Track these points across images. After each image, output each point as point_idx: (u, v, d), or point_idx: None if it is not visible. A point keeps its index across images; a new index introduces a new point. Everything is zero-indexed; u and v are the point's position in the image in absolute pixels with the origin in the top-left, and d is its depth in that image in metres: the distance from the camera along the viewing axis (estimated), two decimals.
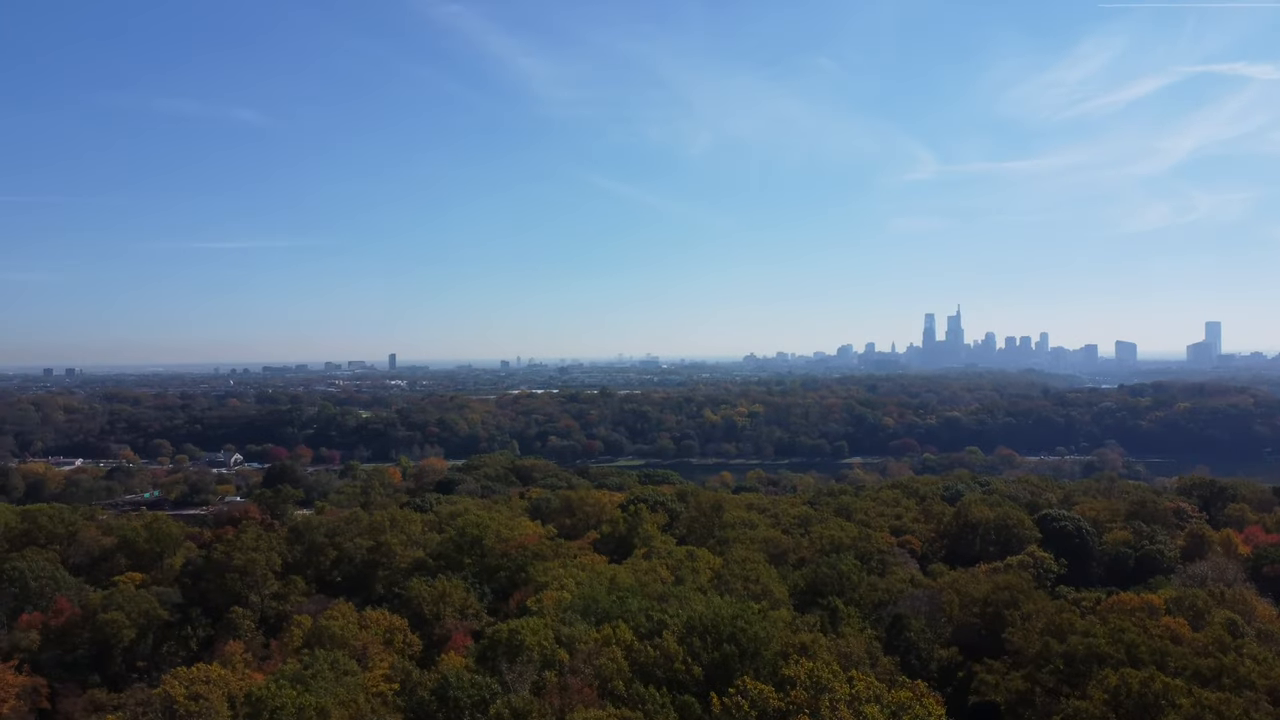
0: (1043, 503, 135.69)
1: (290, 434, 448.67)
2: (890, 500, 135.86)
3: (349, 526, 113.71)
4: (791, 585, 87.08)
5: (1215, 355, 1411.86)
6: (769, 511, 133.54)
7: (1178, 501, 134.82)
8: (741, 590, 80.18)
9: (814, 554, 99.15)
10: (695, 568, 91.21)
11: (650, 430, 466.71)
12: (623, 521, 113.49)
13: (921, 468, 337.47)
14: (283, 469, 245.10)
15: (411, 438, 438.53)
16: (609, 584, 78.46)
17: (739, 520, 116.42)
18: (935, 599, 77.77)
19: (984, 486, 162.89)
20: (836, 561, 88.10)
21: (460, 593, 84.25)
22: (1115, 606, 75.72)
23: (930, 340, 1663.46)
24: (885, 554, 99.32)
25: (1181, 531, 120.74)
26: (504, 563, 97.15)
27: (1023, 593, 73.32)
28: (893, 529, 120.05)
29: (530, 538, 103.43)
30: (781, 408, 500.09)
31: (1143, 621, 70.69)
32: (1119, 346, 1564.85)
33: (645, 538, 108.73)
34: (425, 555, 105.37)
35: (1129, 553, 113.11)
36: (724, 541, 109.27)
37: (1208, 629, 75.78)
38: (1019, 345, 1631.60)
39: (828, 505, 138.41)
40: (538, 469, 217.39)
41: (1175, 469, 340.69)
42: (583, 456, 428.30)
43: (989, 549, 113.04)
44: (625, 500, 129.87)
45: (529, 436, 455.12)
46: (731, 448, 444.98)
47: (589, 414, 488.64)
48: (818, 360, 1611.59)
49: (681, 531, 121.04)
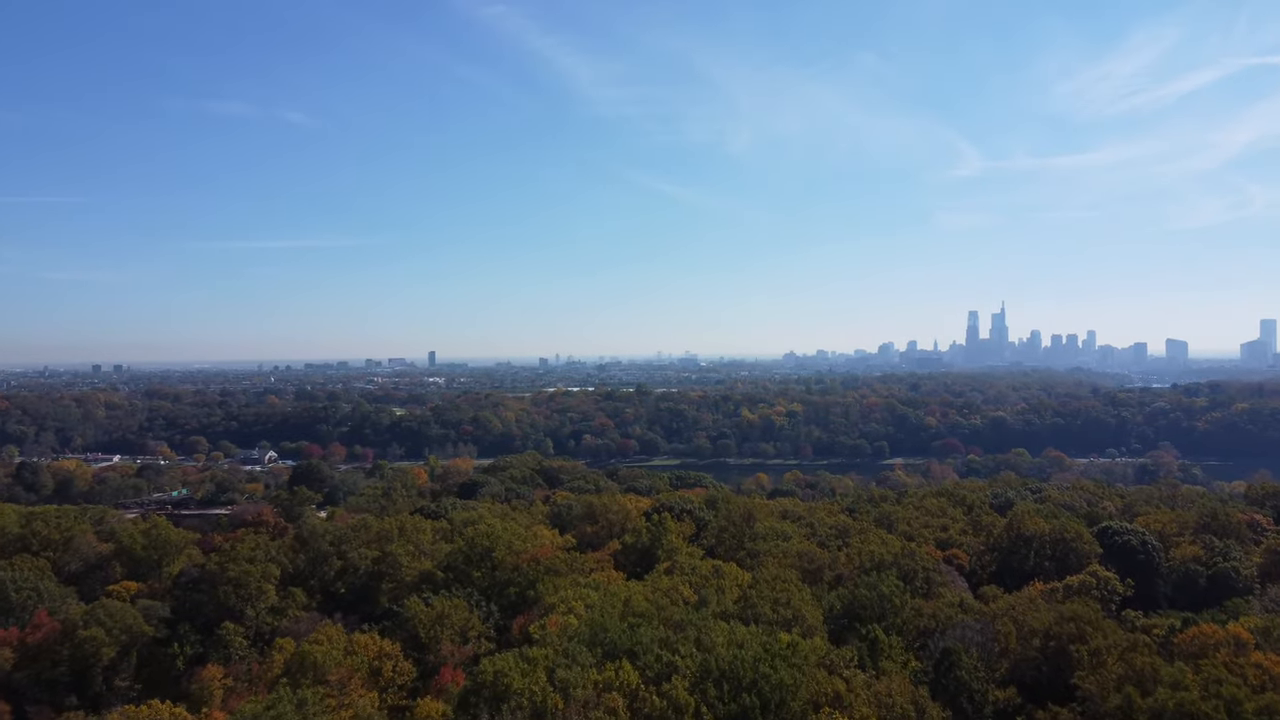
0: (1101, 513, 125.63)
1: (325, 431, 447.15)
2: (935, 509, 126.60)
3: (356, 534, 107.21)
4: (827, 608, 78.70)
5: (1271, 354, 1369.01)
6: (804, 520, 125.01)
7: (1251, 513, 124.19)
8: (770, 615, 72.05)
9: (852, 571, 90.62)
10: (721, 586, 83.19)
11: (686, 429, 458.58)
12: (646, 532, 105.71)
13: (966, 470, 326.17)
14: (309, 468, 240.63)
15: (445, 436, 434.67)
16: (623, 607, 70.78)
17: (771, 531, 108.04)
18: (989, 629, 69.00)
19: (1036, 494, 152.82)
20: (877, 582, 79.55)
21: (461, 613, 77.04)
22: (1197, 640, 66.59)
23: (974, 338, 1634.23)
24: (930, 572, 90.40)
25: (1257, 547, 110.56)
26: (514, 577, 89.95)
27: (1091, 624, 64.33)
28: (938, 541, 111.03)
29: (545, 550, 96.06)
30: (821, 407, 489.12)
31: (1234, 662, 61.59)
32: (1169, 345, 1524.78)
33: (669, 550, 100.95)
34: (433, 567, 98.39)
35: (1200, 570, 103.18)
36: (754, 554, 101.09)
37: None
38: (1065, 344, 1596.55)
39: (867, 514, 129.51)
40: (565, 471, 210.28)
41: (1234, 473, 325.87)
42: (617, 456, 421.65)
43: (1044, 565, 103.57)
44: (650, 507, 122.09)
45: (563, 435, 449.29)
46: (769, 448, 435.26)
47: (625, 413, 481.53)
48: (858, 358, 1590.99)
49: (710, 542, 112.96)
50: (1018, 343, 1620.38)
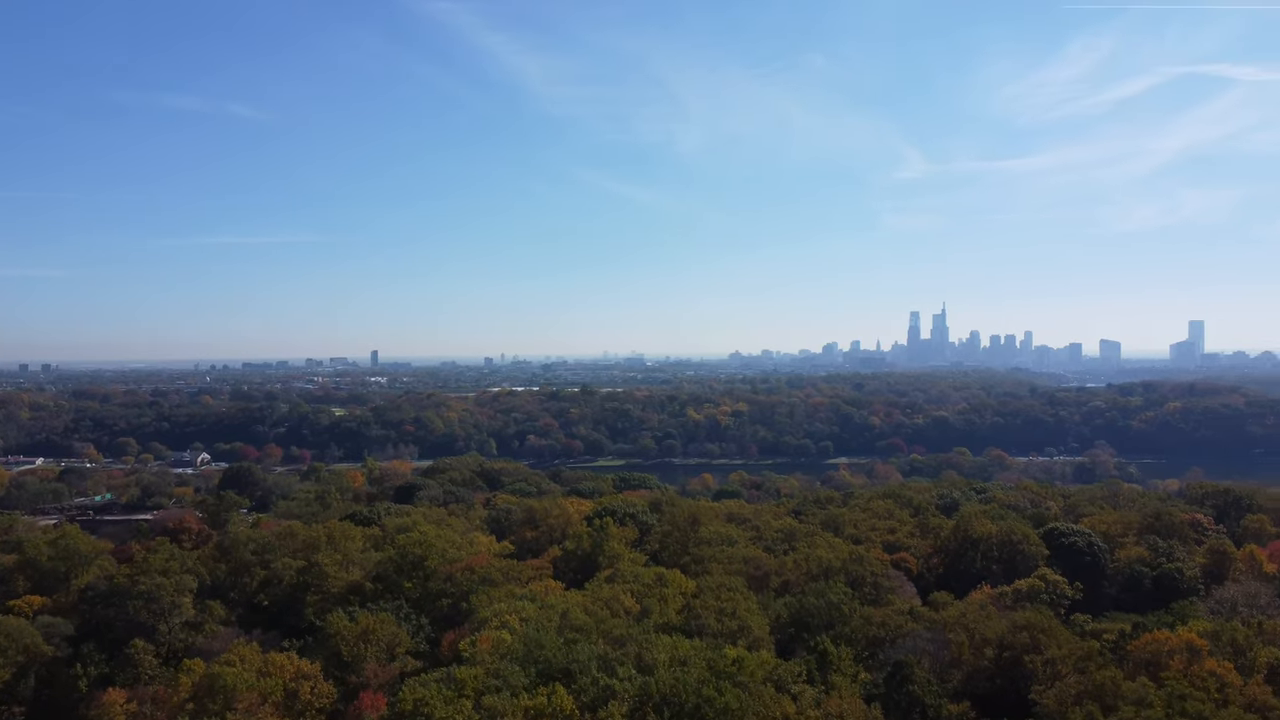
0: (1047, 514, 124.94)
1: (261, 433, 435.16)
2: (882, 512, 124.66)
3: (281, 543, 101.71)
4: (774, 617, 75.79)
5: (1199, 354, 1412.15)
6: (750, 523, 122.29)
7: (1192, 513, 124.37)
8: (715, 626, 68.83)
9: (800, 577, 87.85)
10: (664, 595, 79.75)
11: (632, 429, 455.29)
12: (587, 537, 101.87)
13: (909, 469, 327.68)
14: (240, 471, 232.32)
15: (386, 437, 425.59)
16: (560, 621, 66.91)
17: (717, 536, 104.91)
18: (941, 638, 66.59)
19: (981, 495, 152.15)
20: (825, 589, 76.88)
21: (388, 628, 72.35)
22: (1151, 647, 64.78)
23: (915, 339, 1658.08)
24: (879, 577, 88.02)
25: (1200, 547, 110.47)
26: (447, 588, 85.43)
27: (1045, 633, 62.15)
28: (885, 544, 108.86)
29: (481, 558, 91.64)
30: (766, 407, 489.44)
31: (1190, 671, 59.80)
32: (1103, 345, 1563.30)
33: (611, 556, 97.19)
34: (362, 578, 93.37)
35: (1145, 572, 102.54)
36: (699, 560, 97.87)
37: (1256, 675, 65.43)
38: (1004, 344, 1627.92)
39: (814, 516, 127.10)
40: (507, 473, 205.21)
41: (1168, 470, 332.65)
42: (562, 456, 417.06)
43: (992, 568, 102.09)
44: (593, 512, 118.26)
45: (508, 436, 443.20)
46: (715, 448, 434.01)
47: (570, 413, 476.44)
48: (803, 358, 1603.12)
49: (653, 547, 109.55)
50: (958, 343, 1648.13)
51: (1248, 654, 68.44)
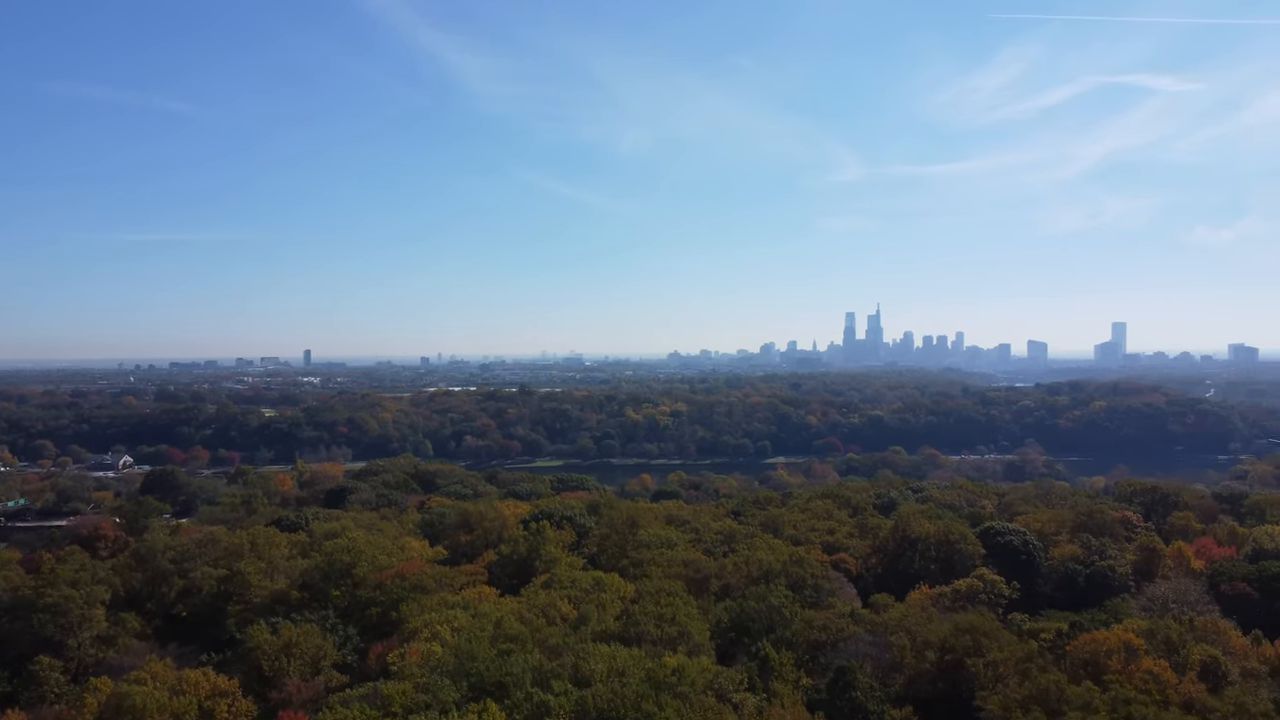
0: (983, 513, 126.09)
1: (187, 434, 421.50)
2: (821, 512, 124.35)
3: (202, 550, 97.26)
4: (714, 621, 74.23)
5: (1121, 355, 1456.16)
6: (689, 525, 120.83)
7: (1122, 511, 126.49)
8: (655, 633, 66.94)
9: (740, 580, 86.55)
10: (602, 600, 77.74)
11: (571, 430, 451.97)
12: (523, 541, 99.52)
13: (846, 468, 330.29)
14: (163, 475, 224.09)
15: (319, 438, 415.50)
16: (494, 630, 64.43)
17: (656, 538, 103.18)
18: (882, 641, 65.76)
19: (918, 494, 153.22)
20: (766, 593, 75.60)
21: (313, 640, 69.08)
22: (1089, 648, 64.77)
23: (851, 339, 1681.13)
24: (820, 579, 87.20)
25: (1130, 544, 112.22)
26: (377, 596, 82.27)
27: (986, 635, 61.66)
28: (825, 545, 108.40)
29: (412, 565, 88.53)
30: (705, 406, 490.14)
31: (1128, 671, 59.78)
32: (1031, 346, 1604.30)
33: (548, 561, 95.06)
34: (288, 586, 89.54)
35: (1079, 569, 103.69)
36: (638, 563, 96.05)
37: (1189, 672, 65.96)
38: (936, 344, 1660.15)
39: (754, 517, 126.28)
40: (442, 474, 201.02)
41: (1094, 468, 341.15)
42: (499, 457, 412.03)
43: (931, 568, 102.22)
44: (529, 514, 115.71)
45: (444, 436, 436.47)
46: (654, 447, 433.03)
47: (508, 413, 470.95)
48: (741, 358, 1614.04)
49: (591, 550, 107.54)
50: (892, 343, 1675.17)
51: (1180, 651, 69.06)
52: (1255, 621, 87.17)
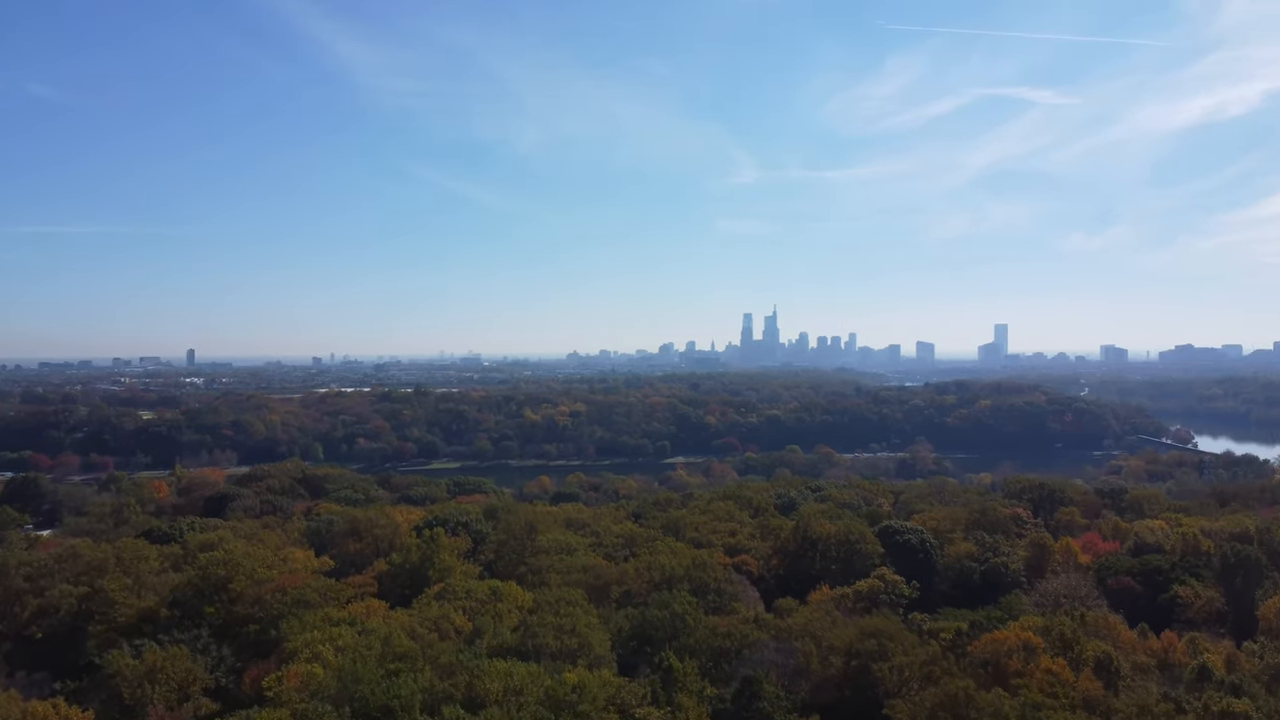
0: (881, 512, 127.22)
1: (56, 438, 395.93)
2: (723, 513, 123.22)
3: (60, 566, 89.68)
4: (616, 630, 71.72)
5: (1003, 355, 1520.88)
6: (589, 528, 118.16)
7: (1013, 508, 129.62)
8: (554, 645, 64.05)
9: (642, 586, 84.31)
10: (499, 611, 74.50)
11: (468, 431, 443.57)
12: (416, 549, 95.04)
13: (745, 468, 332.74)
14: (25, 482, 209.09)
15: (200, 442, 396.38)
16: (382, 648, 60.42)
17: (555, 544, 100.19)
18: (788, 648, 64.37)
19: (817, 493, 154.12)
20: (669, 599, 73.50)
21: (181, 663, 63.63)
22: (991, 647, 64.80)
23: (748, 339, 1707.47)
24: (723, 583, 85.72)
25: (1021, 541, 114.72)
26: (255, 613, 76.88)
27: (891, 638, 60.88)
28: (727, 547, 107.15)
29: (295, 577, 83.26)
30: (605, 407, 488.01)
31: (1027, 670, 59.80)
32: (919, 346, 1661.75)
33: (442, 570, 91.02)
34: (157, 604, 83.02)
35: (974, 567, 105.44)
36: (537, 570, 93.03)
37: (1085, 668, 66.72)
38: (830, 345, 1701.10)
39: (655, 520, 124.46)
40: (332, 479, 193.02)
41: (981, 465, 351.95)
42: (394, 460, 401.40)
43: (831, 568, 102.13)
44: (423, 521, 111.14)
45: (336, 439, 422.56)
46: (553, 448, 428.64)
47: (403, 414, 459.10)
48: (640, 358, 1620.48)
49: (488, 557, 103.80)
50: (788, 344, 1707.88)
51: (1075, 648, 69.94)
52: (1140, 614, 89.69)
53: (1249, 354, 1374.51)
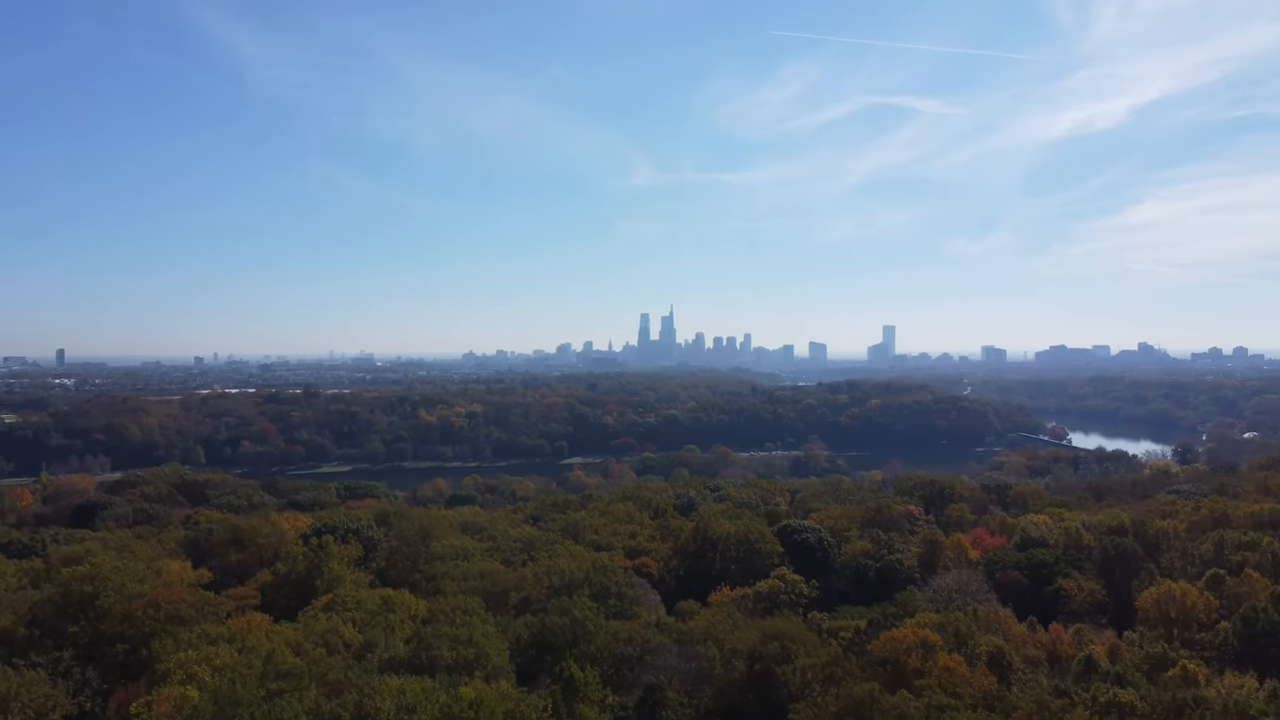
0: (779, 511, 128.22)
1: None
2: (623, 515, 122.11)
3: None
4: (514, 639, 69.50)
5: (891, 355, 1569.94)
6: (486, 532, 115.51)
7: (906, 505, 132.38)
8: (449, 657, 61.48)
9: (541, 592, 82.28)
10: (391, 622, 71.33)
11: (360, 433, 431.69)
12: (303, 558, 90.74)
13: (643, 467, 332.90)
14: None
15: (70, 447, 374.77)
16: (264, 666, 56.84)
17: (451, 549, 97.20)
18: (690, 652, 63.40)
19: (716, 492, 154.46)
20: (569, 605, 71.68)
21: (39, 689, 58.57)
22: (890, 646, 65.24)
23: (645, 339, 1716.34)
24: (624, 587, 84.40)
25: (914, 537, 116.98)
26: (125, 631, 71.63)
27: (794, 640, 60.57)
28: (627, 550, 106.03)
29: (169, 591, 78.08)
30: (501, 407, 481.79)
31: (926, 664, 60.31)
32: (812, 347, 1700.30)
33: (330, 579, 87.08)
34: (13, 623, 76.64)
35: (870, 564, 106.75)
36: (431, 578, 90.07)
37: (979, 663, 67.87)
38: (726, 345, 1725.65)
39: (554, 522, 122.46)
40: (213, 485, 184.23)
41: (872, 462, 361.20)
42: (281, 463, 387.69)
43: (731, 568, 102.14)
44: (310, 528, 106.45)
45: (219, 442, 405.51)
46: (448, 450, 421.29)
47: (291, 416, 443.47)
48: (538, 358, 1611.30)
49: (380, 565, 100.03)
50: (685, 344, 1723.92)
51: (969, 643, 71.20)
52: (1028, 607, 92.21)
53: (1116, 354, 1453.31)
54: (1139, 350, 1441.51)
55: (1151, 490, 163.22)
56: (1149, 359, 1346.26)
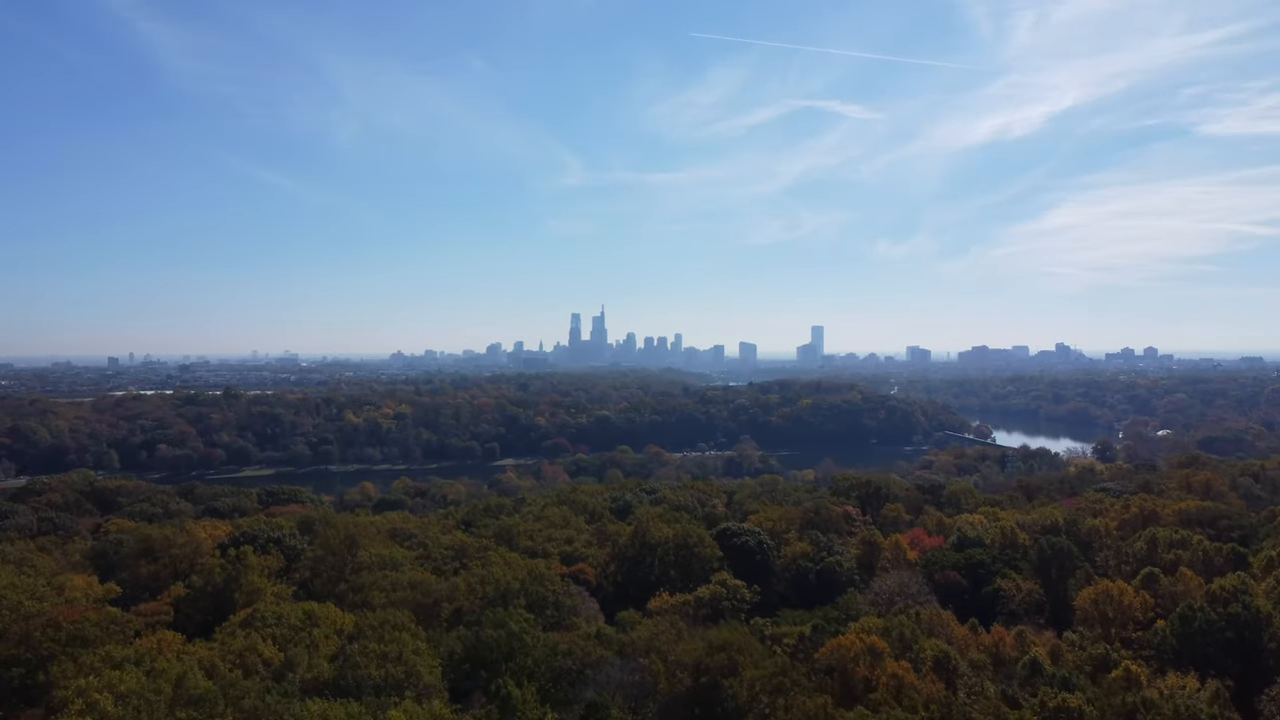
0: (717, 514, 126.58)
1: None
2: (558, 519, 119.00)
3: None
4: (447, 654, 65.94)
5: (820, 356, 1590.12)
6: (417, 539, 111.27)
7: (843, 505, 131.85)
8: (377, 676, 57.77)
9: (474, 603, 78.65)
10: (315, 639, 67.10)
11: (284, 435, 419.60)
12: (219, 570, 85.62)
13: (575, 469, 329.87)
14: None
15: None
16: (174, 691, 52.45)
17: (379, 559, 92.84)
18: (633, 666, 60.75)
19: (652, 495, 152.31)
20: (505, 617, 68.36)
21: None
22: (837, 654, 63.52)
23: (576, 339, 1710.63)
24: (561, 596, 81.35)
25: (853, 538, 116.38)
26: (20, 654, 65.97)
27: (741, 651, 58.36)
28: (563, 555, 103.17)
29: (72, 609, 72.47)
30: (431, 408, 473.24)
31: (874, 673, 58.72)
32: (742, 347, 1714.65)
33: (250, 592, 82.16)
34: None
35: (810, 567, 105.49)
36: (358, 589, 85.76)
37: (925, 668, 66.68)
38: (657, 345, 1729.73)
39: (487, 528, 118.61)
40: (126, 491, 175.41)
41: (803, 461, 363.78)
42: (200, 467, 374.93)
43: (670, 573, 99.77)
44: (229, 537, 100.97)
45: (134, 446, 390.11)
46: (376, 452, 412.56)
47: (211, 418, 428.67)
48: (467, 358, 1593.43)
49: (304, 575, 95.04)
50: (615, 344, 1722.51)
51: (914, 647, 70.03)
52: (967, 607, 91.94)
53: (1035, 355, 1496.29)
54: (1056, 351, 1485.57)
55: (1079, 488, 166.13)
56: (1066, 359, 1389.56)
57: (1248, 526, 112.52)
